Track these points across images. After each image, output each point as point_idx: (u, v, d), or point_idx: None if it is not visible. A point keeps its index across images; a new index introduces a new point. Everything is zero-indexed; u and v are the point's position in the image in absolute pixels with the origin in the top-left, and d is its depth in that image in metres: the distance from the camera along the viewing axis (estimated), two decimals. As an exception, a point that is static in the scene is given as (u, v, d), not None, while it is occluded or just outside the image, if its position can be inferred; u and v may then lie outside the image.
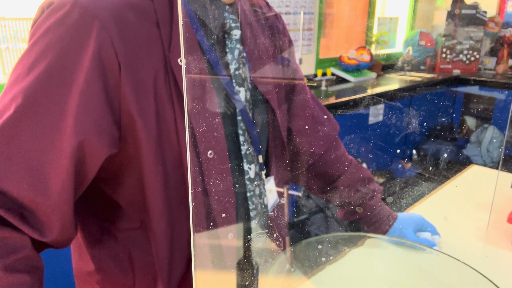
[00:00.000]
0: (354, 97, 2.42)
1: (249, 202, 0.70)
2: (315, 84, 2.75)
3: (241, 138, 0.67)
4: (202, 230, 0.64)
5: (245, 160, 0.68)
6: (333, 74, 2.98)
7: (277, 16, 0.80)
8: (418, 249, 0.76)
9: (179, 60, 0.55)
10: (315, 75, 2.90)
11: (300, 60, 2.62)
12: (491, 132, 2.96)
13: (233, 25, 0.65)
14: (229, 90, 0.64)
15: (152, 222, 0.63)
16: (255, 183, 0.70)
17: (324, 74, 2.94)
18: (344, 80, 2.92)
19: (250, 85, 0.69)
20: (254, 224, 0.71)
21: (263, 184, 0.73)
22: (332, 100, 2.35)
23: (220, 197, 0.64)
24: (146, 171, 0.58)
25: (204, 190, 0.62)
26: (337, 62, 3.01)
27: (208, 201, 0.63)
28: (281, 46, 0.79)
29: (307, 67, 2.89)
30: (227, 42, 0.65)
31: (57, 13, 0.52)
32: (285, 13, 2.63)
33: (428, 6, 3.59)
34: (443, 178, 1.23)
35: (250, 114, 0.69)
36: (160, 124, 0.57)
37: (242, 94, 0.66)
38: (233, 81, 0.65)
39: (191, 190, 0.66)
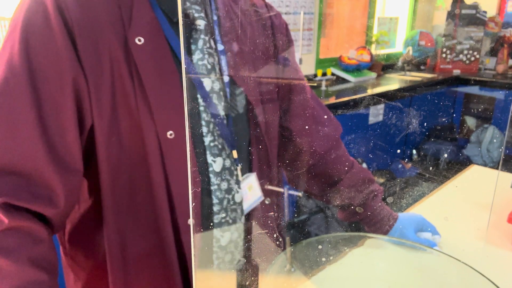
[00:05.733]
0: (354, 97, 2.42)
1: (213, 196, 0.68)
2: (315, 84, 2.75)
3: (204, 129, 0.66)
4: (162, 209, 0.64)
5: (208, 152, 0.67)
6: (333, 74, 2.98)
7: (276, 16, 0.80)
8: (418, 249, 0.76)
9: (136, 39, 0.59)
10: (315, 75, 2.90)
11: (300, 60, 2.62)
12: (491, 132, 2.96)
13: (196, 15, 0.66)
14: (191, 77, 0.65)
15: (104, 199, 0.64)
16: (221, 177, 0.69)
17: (324, 74, 2.93)
18: (344, 80, 2.92)
19: (224, 78, 0.69)
20: (217, 218, 0.69)
21: (236, 180, 0.71)
22: (332, 100, 2.35)
23: (180, 182, 0.64)
24: (99, 141, 0.60)
25: (164, 172, 0.63)
26: (337, 62, 3.01)
27: (169, 183, 0.63)
28: (275, 45, 0.78)
29: (307, 67, 2.89)
30: (192, 32, 0.66)
31: None
32: (285, 13, 2.63)
33: (428, 6, 3.59)
34: (443, 178, 1.23)
35: (221, 107, 0.68)
36: (116, 97, 0.59)
37: (206, 84, 0.66)
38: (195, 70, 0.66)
39: (191, 190, 0.66)
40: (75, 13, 0.56)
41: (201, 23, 0.66)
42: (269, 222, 0.79)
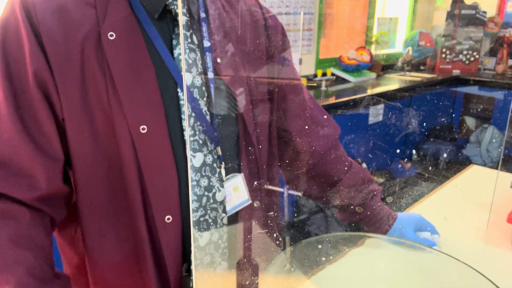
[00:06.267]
0: (354, 97, 2.42)
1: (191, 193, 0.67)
2: (315, 84, 2.75)
3: (184, 123, 0.66)
4: (136, 207, 0.64)
5: (187, 147, 0.67)
6: (333, 74, 2.98)
7: (271, 17, 0.80)
8: (418, 249, 0.76)
9: (108, 35, 0.60)
10: (315, 75, 2.90)
11: (300, 60, 2.62)
12: (490, 132, 2.97)
13: (177, 11, 0.67)
14: (171, 72, 0.65)
15: (79, 197, 0.64)
16: (201, 173, 0.68)
17: (324, 74, 2.94)
18: (344, 80, 2.93)
19: (209, 74, 0.69)
20: (195, 216, 0.68)
21: (218, 178, 0.69)
22: (332, 100, 2.35)
23: (156, 178, 0.63)
24: (70, 136, 0.62)
25: (138, 168, 0.63)
26: (337, 62, 3.01)
27: (143, 179, 0.63)
28: (270, 44, 0.78)
29: (307, 67, 2.89)
30: (176, 28, 0.67)
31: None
32: (285, 13, 2.63)
33: (428, 6, 3.60)
34: (442, 178, 1.24)
35: (203, 102, 0.67)
36: (88, 92, 0.61)
37: (187, 79, 0.66)
38: (175, 64, 0.66)
39: (191, 190, 0.66)
40: (42, 14, 0.59)
41: (182, 19, 0.67)
42: (261, 224, 0.78)
